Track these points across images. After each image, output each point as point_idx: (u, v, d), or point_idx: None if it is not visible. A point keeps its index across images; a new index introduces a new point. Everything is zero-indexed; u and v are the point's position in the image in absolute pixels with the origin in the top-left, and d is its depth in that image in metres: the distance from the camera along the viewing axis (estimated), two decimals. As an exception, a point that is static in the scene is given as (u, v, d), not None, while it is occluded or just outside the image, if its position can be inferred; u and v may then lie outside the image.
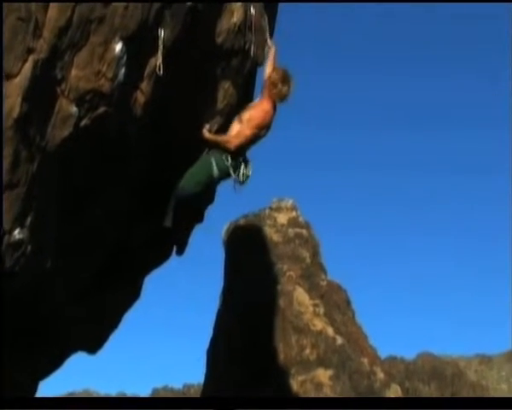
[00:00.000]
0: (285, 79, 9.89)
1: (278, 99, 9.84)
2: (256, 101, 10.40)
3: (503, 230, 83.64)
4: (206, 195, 10.95)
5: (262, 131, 9.83)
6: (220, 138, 9.87)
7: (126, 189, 10.08)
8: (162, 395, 37.49)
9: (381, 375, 25.90)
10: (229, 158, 9.74)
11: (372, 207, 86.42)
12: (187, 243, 11.81)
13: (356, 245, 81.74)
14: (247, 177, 9.91)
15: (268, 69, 10.23)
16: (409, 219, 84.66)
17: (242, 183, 9.96)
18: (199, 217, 11.97)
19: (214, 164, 9.78)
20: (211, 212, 12.29)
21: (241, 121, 9.85)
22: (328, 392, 24.43)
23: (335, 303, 27.20)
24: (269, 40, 10.64)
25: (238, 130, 9.79)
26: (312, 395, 24.13)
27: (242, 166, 9.86)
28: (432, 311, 75.83)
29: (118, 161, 9.42)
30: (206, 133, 9.99)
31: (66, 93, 8.05)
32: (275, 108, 9.96)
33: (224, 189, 10.72)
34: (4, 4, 7.32)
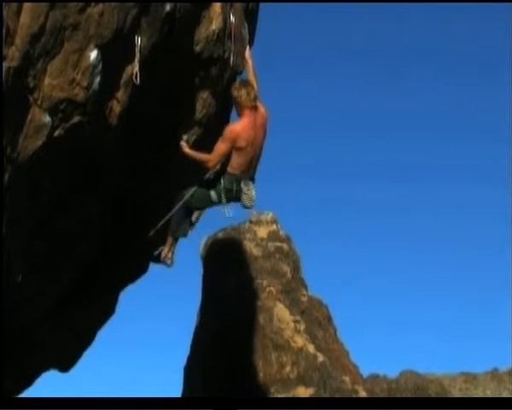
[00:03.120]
0: (242, 85, 9.59)
1: (250, 102, 9.50)
2: None
3: (494, 246, 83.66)
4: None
5: (240, 143, 9.41)
6: (201, 156, 9.61)
7: (100, 200, 9.92)
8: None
9: (363, 393, 25.69)
10: (222, 181, 9.49)
11: (354, 221, 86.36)
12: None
13: (337, 259, 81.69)
14: (251, 199, 9.64)
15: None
16: (392, 232, 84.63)
17: (247, 206, 9.69)
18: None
19: (211, 189, 9.57)
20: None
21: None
22: (308, 410, 24.24)
23: (316, 319, 27.02)
24: (247, 51, 10.42)
25: (215, 147, 9.53)
26: (292, 413, 23.93)
27: (247, 187, 9.57)
28: (415, 328, 75.81)
29: (92, 171, 9.24)
30: (185, 148, 9.73)
31: (38, 102, 7.87)
32: (258, 118, 9.61)
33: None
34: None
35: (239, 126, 9.35)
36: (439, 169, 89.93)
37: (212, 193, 9.53)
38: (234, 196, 9.56)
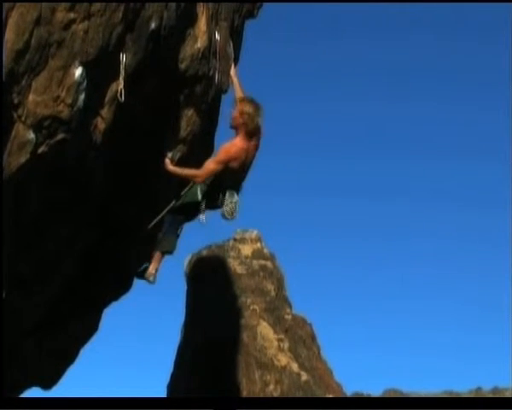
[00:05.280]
0: (259, 110, 9.57)
1: (252, 129, 9.52)
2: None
3: (483, 264, 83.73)
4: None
5: (232, 163, 9.47)
6: (187, 172, 9.63)
7: (85, 217, 9.86)
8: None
9: (346, 412, 25.64)
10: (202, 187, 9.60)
11: (339, 239, 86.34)
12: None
13: (321, 278, 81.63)
14: (233, 212, 9.66)
15: (237, 105, 9.89)
16: (375, 251, 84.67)
17: (227, 218, 9.69)
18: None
19: (199, 192, 9.64)
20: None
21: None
22: (291, 429, 24.14)
23: (300, 338, 26.98)
24: (232, 69, 10.45)
25: (205, 164, 9.57)
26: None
27: (230, 199, 9.60)
28: (399, 346, 75.81)
29: (76, 189, 9.19)
30: (169, 165, 9.75)
31: (23, 119, 7.81)
32: (253, 141, 9.62)
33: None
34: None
35: (234, 149, 9.39)
36: (428, 188, 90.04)
37: (200, 196, 9.61)
38: (216, 204, 9.65)
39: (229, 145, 9.46)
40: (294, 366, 25.98)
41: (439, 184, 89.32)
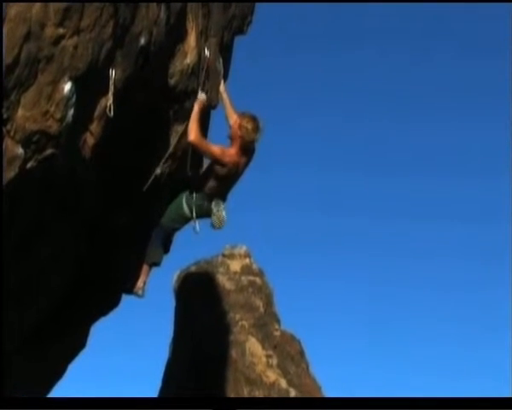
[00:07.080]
0: (260, 128, 9.66)
1: (247, 143, 9.61)
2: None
3: (477, 280, 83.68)
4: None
5: (221, 168, 9.56)
6: (195, 127, 9.53)
7: (74, 233, 9.85)
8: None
9: (335, 428, 25.60)
10: (194, 196, 9.62)
11: (329, 255, 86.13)
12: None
13: (310, 294, 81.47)
14: (221, 220, 9.68)
15: (230, 120, 9.95)
16: (365, 267, 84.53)
17: (216, 227, 9.72)
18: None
19: (184, 201, 9.63)
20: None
21: None
22: (279, 445, 24.07)
23: (289, 354, 26.92)
24: (221, 85, 10.52)
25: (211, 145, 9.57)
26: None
27: (217, 208, 9.64)
28: (389, 362, 75.70)
29: (65, 204, 9.19)
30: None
31: (11, 134, 7.81)
32: (245, 155, 9.70)
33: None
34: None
35: (228, 152, 9.53)
36: (422, 205, 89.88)
37: (185, 207, 9.64)
38: (204, 213, 9.69)
39: (225, 149, 9.59)
40: (283, 383, 25.93)
41: (434, 201, 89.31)
